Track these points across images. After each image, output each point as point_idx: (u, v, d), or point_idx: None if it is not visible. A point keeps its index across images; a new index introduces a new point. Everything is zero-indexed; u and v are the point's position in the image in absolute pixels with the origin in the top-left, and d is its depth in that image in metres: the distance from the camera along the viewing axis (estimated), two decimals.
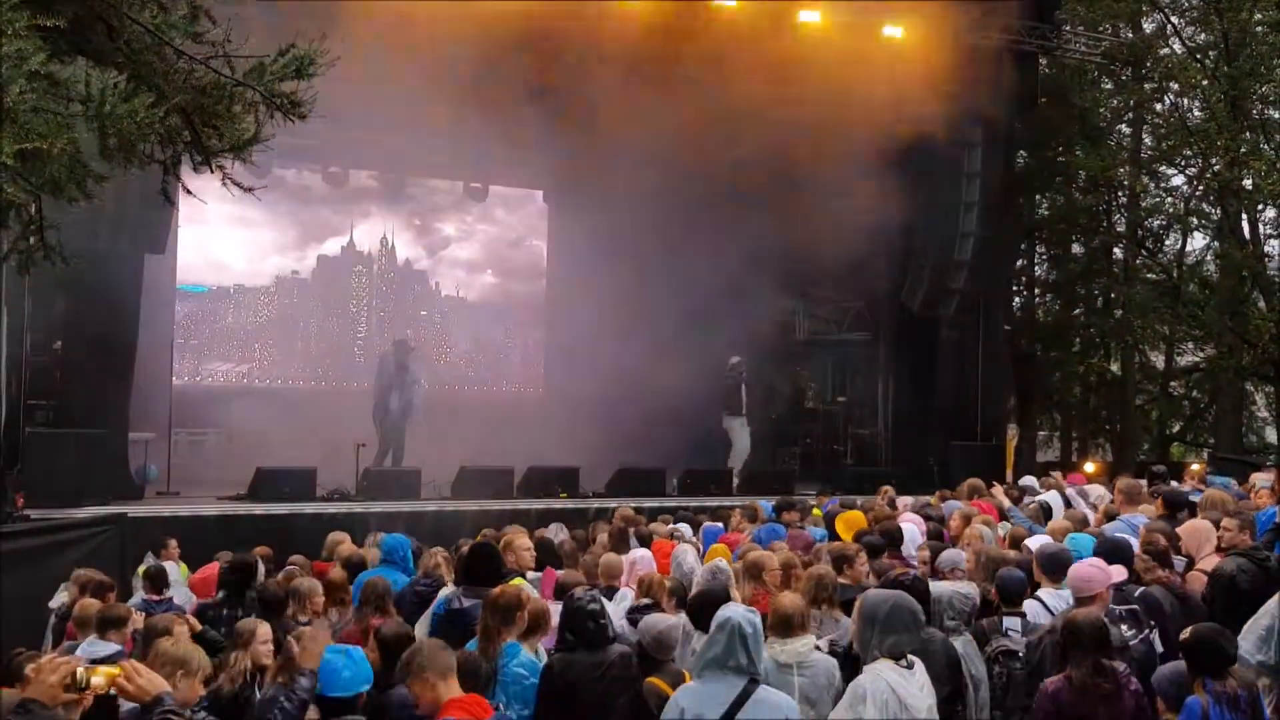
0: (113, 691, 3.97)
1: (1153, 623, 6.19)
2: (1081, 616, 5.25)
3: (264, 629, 6.20)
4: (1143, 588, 6.67)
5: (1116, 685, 4.98)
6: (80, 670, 3.89)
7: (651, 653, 5.78)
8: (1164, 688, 5.28)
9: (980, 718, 6.06)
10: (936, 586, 6.27)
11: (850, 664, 5.40)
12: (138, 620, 8.10)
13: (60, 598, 9.45)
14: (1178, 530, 7.84)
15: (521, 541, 8.20)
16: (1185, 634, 5.17)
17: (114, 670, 4.00)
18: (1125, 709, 4.97)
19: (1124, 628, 6.03)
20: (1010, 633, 6.38)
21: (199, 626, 6.96)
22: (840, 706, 4.81)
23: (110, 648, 6.81)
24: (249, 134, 4.92)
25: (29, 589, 10.27)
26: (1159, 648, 6.06)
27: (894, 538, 8.73)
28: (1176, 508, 8.93)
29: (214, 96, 4.78)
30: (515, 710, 5.51)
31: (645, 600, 6.99)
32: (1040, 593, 6.86)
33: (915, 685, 4.72)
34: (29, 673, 3.94)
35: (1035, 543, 7.90)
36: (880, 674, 4.71)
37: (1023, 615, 6.58)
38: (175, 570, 10.94)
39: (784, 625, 5.65)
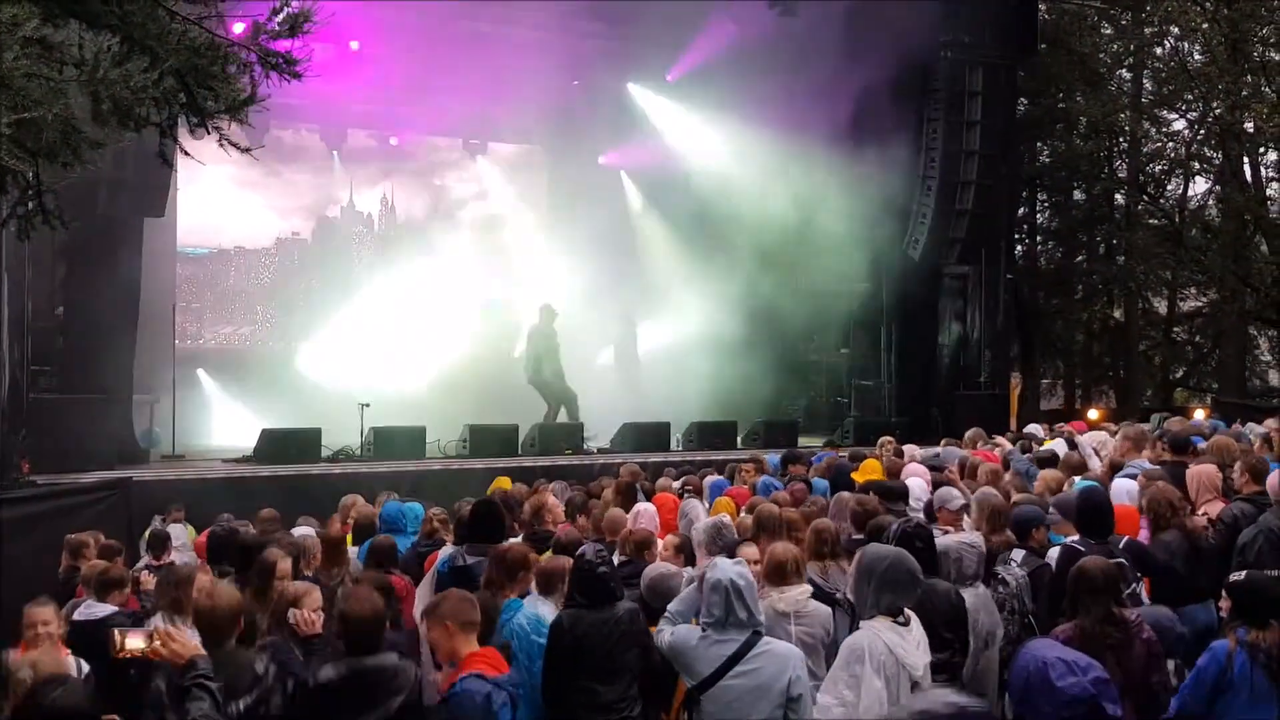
0: (146, 654, 4.07)
1: (1139, 574, 6.13)
2: (1091, 563, 5.20)
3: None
4: (1126, 538, 6.60)
5: (1128, 635, 4.93)
6: (116, 634, 4.03)
7: (650, 602, 5.85)
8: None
9: (991, 669, 6.04)
10: (942, 540, 6.23)
11: (851, 614, 5.42)
12: (149, 582, 8.12)
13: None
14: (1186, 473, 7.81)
15: (552, 500, 8.32)
16: (1235, 576, 5.11)
17: (150, 634, 4.10)
18: (1136, 658, 4.90)
19: None
20: (1010, 561, 6.45)
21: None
22: (837, 664, 4.79)
23: (107, 609, 6.84)
24: (244, 94, 4.89)
25: (35, 555, 10.26)
26: (1145, 600, 6.01)
27: (897, 493, 8.53)
28: (1182, 450, 8.91)
29: (208, 58, 4.73)
30: (519, 664, 5.53)
31: (623, 558, 6.87)
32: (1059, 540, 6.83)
33: (912, 643, 4.69)
34: None
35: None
36: (878, 633, 4.68)
37: (1030, 549, 6.62)
38: (182, 533, 10.96)
39: (778, 573, 5.71)
